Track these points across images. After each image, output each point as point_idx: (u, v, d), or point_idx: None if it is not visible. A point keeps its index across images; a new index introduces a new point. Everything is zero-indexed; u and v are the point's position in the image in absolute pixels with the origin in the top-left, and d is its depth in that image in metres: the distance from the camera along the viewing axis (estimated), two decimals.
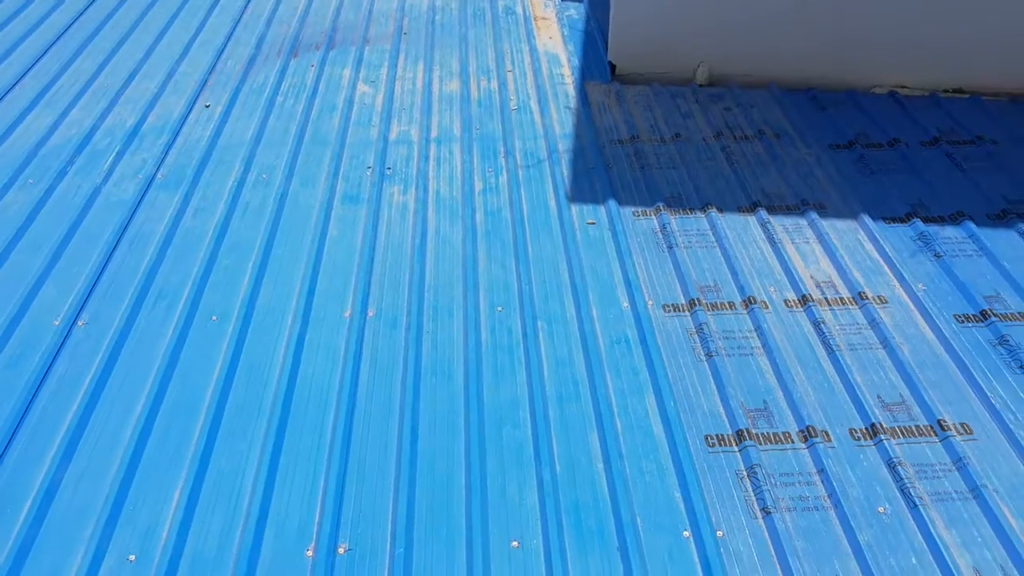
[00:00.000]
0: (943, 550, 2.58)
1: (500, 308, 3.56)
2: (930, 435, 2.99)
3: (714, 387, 3.18)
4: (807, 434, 2.96)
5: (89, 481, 2.78)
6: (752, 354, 3.31)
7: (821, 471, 2.84)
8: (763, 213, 4.06)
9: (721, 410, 3.08)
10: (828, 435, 2.99)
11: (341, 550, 2.60)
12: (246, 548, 2.56)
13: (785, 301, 3.57)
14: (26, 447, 2.88)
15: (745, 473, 2.85)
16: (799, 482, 2.83)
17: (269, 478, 2.80)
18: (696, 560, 2.61)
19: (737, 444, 2.95)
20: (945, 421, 3.00)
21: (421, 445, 2.94)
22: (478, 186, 4.36)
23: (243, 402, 3.10)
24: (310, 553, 2.58)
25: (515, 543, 2.64)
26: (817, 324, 3.42)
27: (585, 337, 3.38)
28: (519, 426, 3.03)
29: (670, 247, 3.87)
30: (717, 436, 2.99)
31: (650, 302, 3.57)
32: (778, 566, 2.58)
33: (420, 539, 2.64)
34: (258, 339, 3.39)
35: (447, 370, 3.26)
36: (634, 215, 4.10)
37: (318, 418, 3.03)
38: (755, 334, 3.40)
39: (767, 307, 3.54)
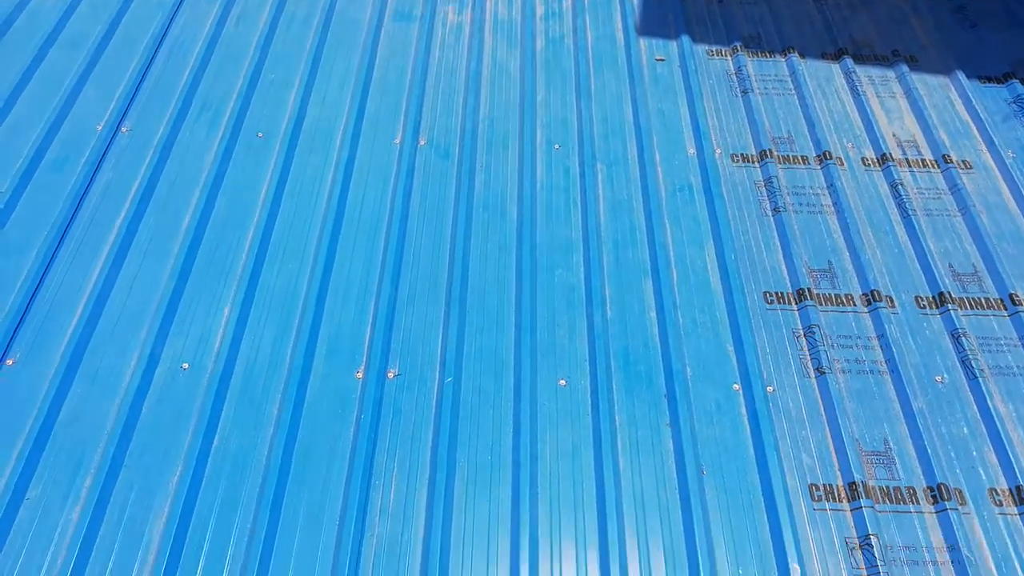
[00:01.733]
0: (997, 422, 2.54)
1: (558, 146, 3.38)
2: (999, 308, 2.87)
3: (778, 243, 3.04)
4: (870, 298, 2.85)
5: (140, 289, 2.77)
6: (822, 212, 3.15)
7: (881, 336, 2.76)
8: (849, 62, 3.74)
9: (783, 267, 2.97)
10: (892, 301, 2.88)
11: (390, 375, 2.61)
12: (297, 365, 2.58)
13: (863, 159, 3.35)
14: (76, 252, 2.86)
15: (802, 332, 2.78)
16: (857, 345, 2.76)
17: (320, 298, 2.77)
18: (744, 412, 2.59)
19: (796, 303, 2.86)
20: (1017, 296, 2.87)
21: (472, 280, 2.88)
22: (539, 9, 4.04)
23: (292, 222, 3.03)
24: (360, 375, 2.60)
25: (563, 381, 2.64)
26: (894, 186, 3.22)
27: (646, 182, 3.22)
28: (571, 269, 2.94)
29: (744, 92, 3.61)
30: (776, 293, 2.89)
31: (718, 150, 3.37)
32: (827, 424, 2.56)
33: (468, 370, 2.64)
34: (306, 159, 3.27)
35: (500, 206, 3.14)
36: (708, 54, 3.80)
37: (368, 243, 2.97)
38: (827, 192, 3.22)
39: (843, 164, 3.33)
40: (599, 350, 2.69)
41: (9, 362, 2.56)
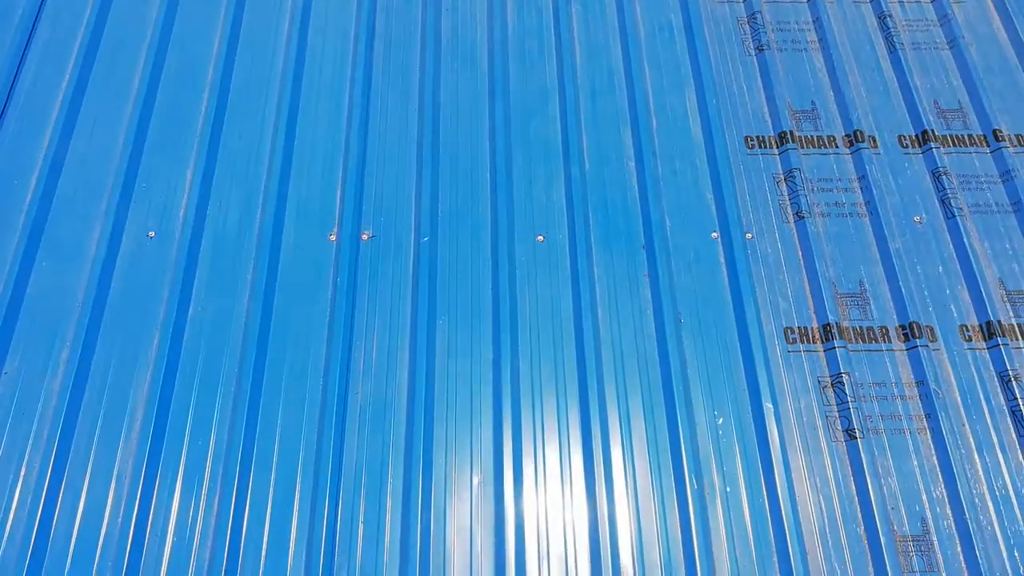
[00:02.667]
0: (972, 260, 2.56)
1: None
2: (982, 145, 2.82)
3: (760, 84, 2.93)
4: (853, 139, 2.79)
5: (95, 157, 2.64)
6: (807, 49, 3.01)
7: (862, 178, 2.72)
8: None
9: (765, 110, 2.87)
10: (875, 141, 2.82)
11: (365, 236, 2.56)
12: (268, 229, 2.52)
13: None
14: (21, 121, 2.69)
15: (783, 177, 2.73)
16: (837, 188, 2.72)
17: (285, 159, 2.67)
18: (722, 260, 2.59)
19: (778, 147, 2.79)
20: (1001, 132, 2.81)
21: (443, 135, 2.77)
22: None
23: (249, 77, 2.85)
24: (333, 238, 2.55)
25: (540, 237, 2.60)
26: (882, 18, 3.07)
27: (624, 23, 3.04)
28: (548, 120, 2.83)
29: None
30: (758, 138, 2.81)
31: None
32: (804, 269, 2.57)
33: (444, 229, 2.59)
34: (258, 6, 3.04)
35: (469, 54, 2.97)
36: None
37: (332, 98, 2.82)
38: (812, 27, 3.06)
39: None
40: (577, 203, 2.64)
41: None
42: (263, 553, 2.11)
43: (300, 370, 2.33)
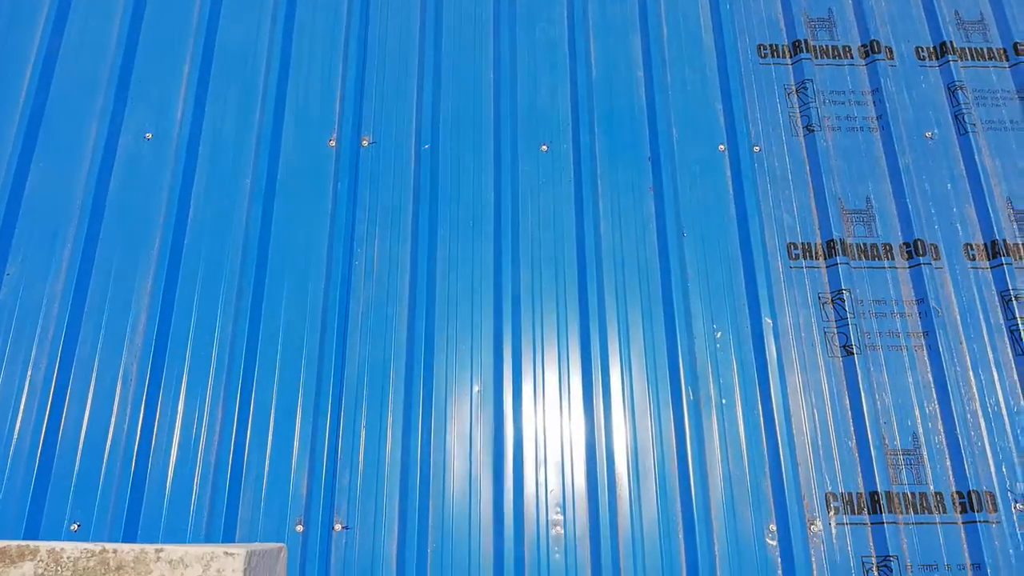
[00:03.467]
0: (982, 177, 2.52)
1: None
2: (1000, 59, 2.73)
3: None
4: (869, 49, 2.70)
5: (89, 52, 2.57)
6: None
7: (876, 90, 2.65)
8: None
9: (780, 17, 2.77)
10: (891, 52, 2.73)
11: (365, 142, 2.51)
12: (266, 133, 2.47)
13: None
14: (14, 8, 2.60)
15: (795, 88, 2.66)
16: (850, 101, 2.65)
17: (284, 59, 2.59)
18: (728, 174, 2.55)
19: (791, 56, 2.70)
20: (1021, 46, 2.72)
21: (446, 39, 2.68)
22: None
23: None
24: (333, 143, 2.50)
25: (544, 147, 2.55)
26: None
27: None
28: (554, 23, 2.73)
29: None
30: (771, 46, 2.72)
31: None
32: (811, 184, 2.54)
33: (446, 137, 2.54)
34: None
35: None
36: None
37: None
38: None
39: None
40: (582, 113, 2.58)
41: None
42: (267, 456, 2.16)
43: (301, 275, 2.33)
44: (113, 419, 2.15)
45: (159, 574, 1.17)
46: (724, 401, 2.29)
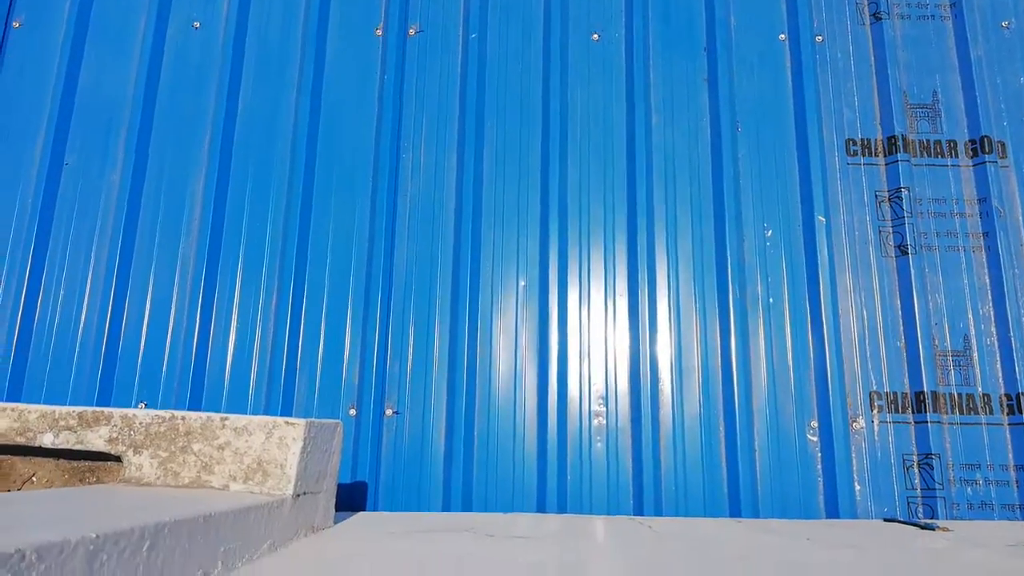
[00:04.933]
0: None
1: None
2: None
3: None
4: None
5: None
6: None
7: None
8: None
9: None
10: None
11: (412, 31, 2.46)
12: (312, 21, 2.43)
13: None
14: None
15: None
16: None
17: None
18: (788, 65, 2.45)
19: None
20: None
21: None
22: None
23: None
24: (379, 32, 2.45)
25: (595, 36, 2.47)
26: None
27: None
28: None
29: None
30: None
31: None
32: (874, 76, 2.42)
33: (494, 25, 2.47)
34: None
35: None
36: None
37: None
38: None
39: None
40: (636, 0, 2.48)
41: (15, 24, 2.44)
42: (320, 344, 2.23)
43: (350, 168, 2.34)
44: (173, 303, 2.24)
45: (225, 439, 1.25)
46: (771, 300, 2.27)
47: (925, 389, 2.15)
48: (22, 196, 2.29)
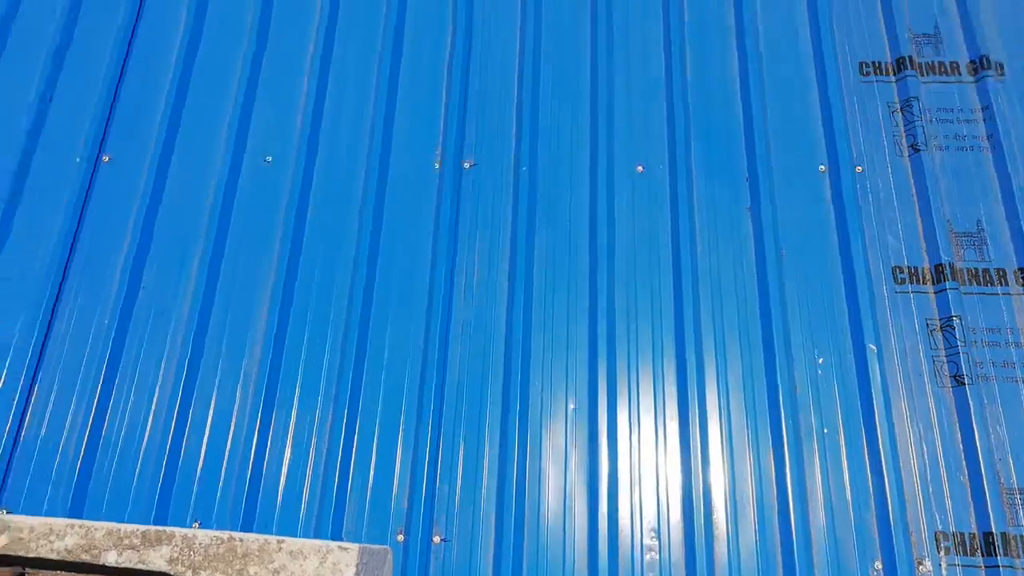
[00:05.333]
0: None
1: None
2: None
3: (879, 5, 2.76)
4: (978, 66, 2.61)
5: (215, 84, 2.75)
6: None
7: (986, 108, 2.56)
8: None
9: (883, 33, 2.72)
10: (1002, 68, 2.63)
11: (467, 164, 2.61)
12: (375, 155, 2.61)
13: None
14: (150, 49, 2.83)
15: (899, 106, 2.60)
16: (958, 119, 2.58)
17: (391, 82, 2.72)
18: (828, 195, 2.52)
19: (895, 73, 2.65)
20: None
21: (544, 61, 2.75)
22: None
23: (355, 12, 2.89)
24: (437, 164, 2.61)
25: (640, 167, 2.59)
26: None
27: None
28: (650, 42, 2.76)
29: None
30: (874, 63, 2.68)
31: None
32: (917, 206, 2.47)
33: (543, 159, 2.61)
34: None
35: None
36: None
37: (436, 23, 2.82)
38: None
39: None
40: (679, 132, 2.60)
41: (105, 159, 2.65)
42: (371, 465, 2.26)
43: (407, 291, 2.44)
44: (233, 420, 2.30)
45: (280, 563, 1.26)
46: (826, 430, 2.24)
47: (994, 530, 2.06)
48: (99, 317, 2.42)
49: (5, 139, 2.64)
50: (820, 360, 2.31)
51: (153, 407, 2.32)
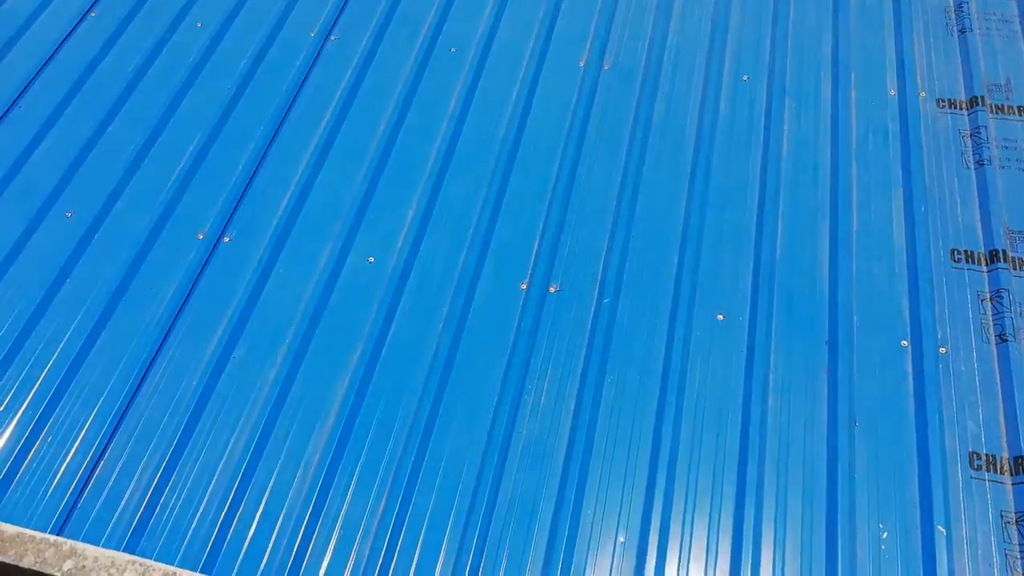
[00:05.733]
0: None
1: (746, 78, 3.29)
2: None
3: (976, 198, 2.83)
4: None
5: (338, 185, 3.04)
6: None
7: None
8: None
9: (978, 224, 2.77)
10: None
11: (552, 289, 2.74)
12: (468, 270, 2.77)
13: None
14: (286, 148, 3.17)
15: (988, 296, 2.61)
16: None
17: (493, 211, 2.93)
18: (909, 370, 2.50)
19: (987, 264, 2.67)
20: None
21: (640, 207, 2.93)
22: None
23: (476, 135, 3.18)
24: (524, 286, 2.75)
25: (720, 316, 2.65)
26: None
27: (837, 121, 3.07)
28: (744, 204, 2.90)
29: (962, 31, 3.30)
30: (966, 252, 2.71)
31: (923, 93, 3.14)
32: (1000, 395, 2.43)
33: (627, 293, 2.72)
34: (494, 75, 3.39)
35: (677, 136, 3.13)
36: None
37: (545, 162, 3.07)
38: None
39: None
40: (762, 287, 2.67)
41: (226, 240, 2.92)
42: (414, 563, 2.27)
43: (475, 399, 2.52)
44: (286, 504, 2.37)
45: None
46: None
47: None
48: (183, 390, 2.58)
49: (144, 207, 2.96)
50: (884, 535, 2.23)
51: (214, 481, 2.41)
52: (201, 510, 2.35)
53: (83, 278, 2.80)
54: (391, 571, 2.26)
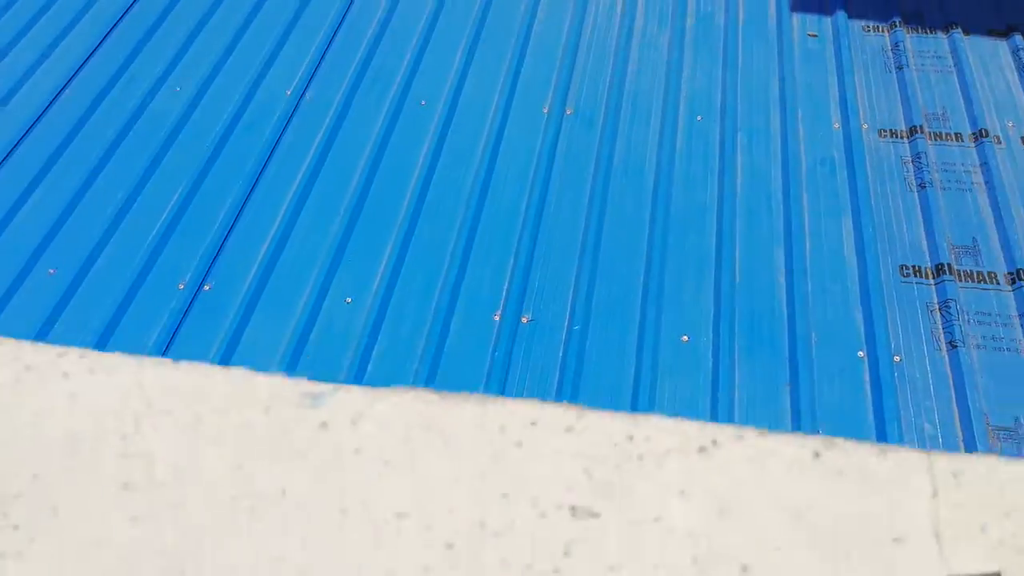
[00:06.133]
0: None
1: (700, 117, 3.48)
2: None
3: (920, 218, 3.00)
4: (1015, 277, 2.77)
5: (314, 234, 3.16)
6: (971, 190, 3.06)
7: (1023, 315, 2.68)
8: (1018, 39, 3.56)
9: (923, 242, 2.93)
10: None
11: (524, 319, 2.85)
12: (443, 306, 2.88)
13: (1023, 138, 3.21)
14: (264, 200, 3.29)
15: (937, 307, 2.75)
16: (996, 323, 2.69)
17: (465, 253, 3.05)
18: (867, 379, 2.62)
19: (934, 277, 2.82)
20: None
21: (605, 239, 3.06)
22: None
23: (446, 182, 3.32)
24: (497, 317, 2.85)
25: (685, 338, 2.77)
26: None
27: (787, 154, 3.26)
28: (704, 233, 3.05)
29: (899, 67, 3.54)
30: (913, 267, 2.87)
31: (865, 125, 3.34)
32: (954, 398, 2.54)
33: (596, 321, 2.83)
34: (462, 125, 3.56)
35: (638, 172, 3.30)
36: (864, 29, 3.75)
37: (512, 203, 3.21)
38: (979, 169, 3.12)
39: (1000, 142, 3.20)
40: (724, 310, 2.80)
41: (207, 287, 3.02)
42: None
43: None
44: None
45: None
46: None
47: None
48: None
49: (126, 261, 3.06)
50: None
51: None
52: None
53: (65, 330, 2.87)
54: None
